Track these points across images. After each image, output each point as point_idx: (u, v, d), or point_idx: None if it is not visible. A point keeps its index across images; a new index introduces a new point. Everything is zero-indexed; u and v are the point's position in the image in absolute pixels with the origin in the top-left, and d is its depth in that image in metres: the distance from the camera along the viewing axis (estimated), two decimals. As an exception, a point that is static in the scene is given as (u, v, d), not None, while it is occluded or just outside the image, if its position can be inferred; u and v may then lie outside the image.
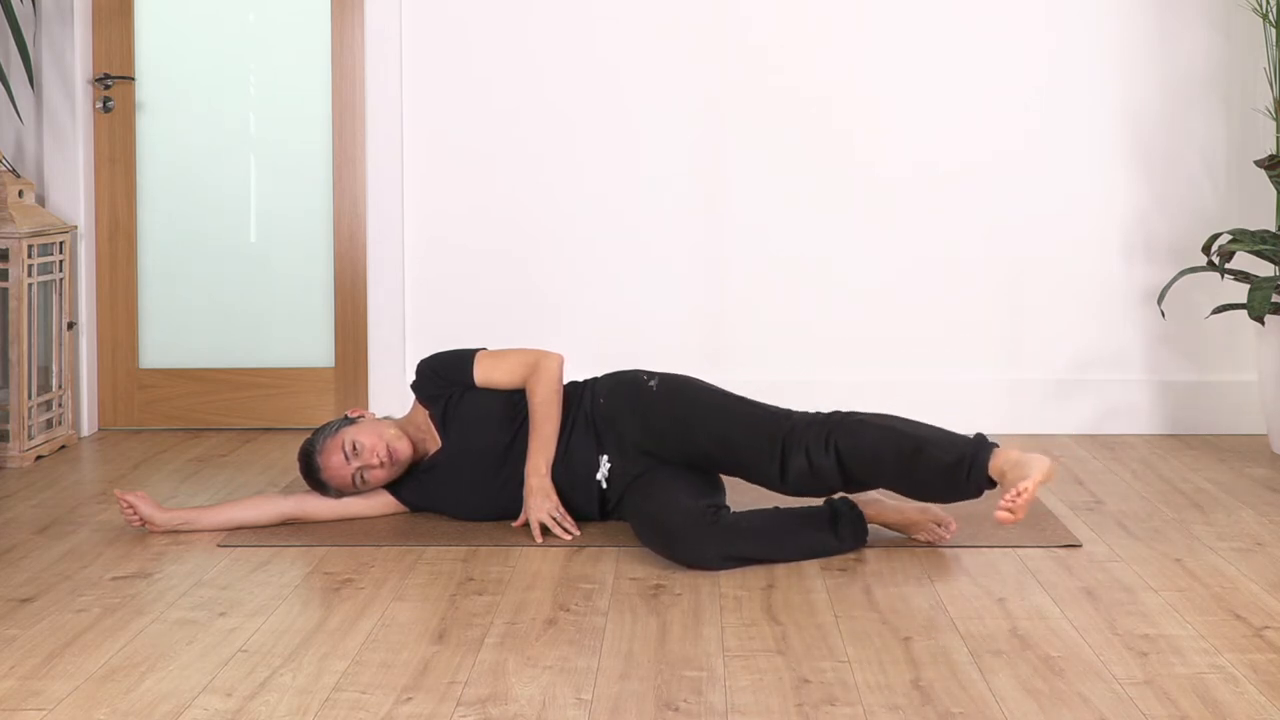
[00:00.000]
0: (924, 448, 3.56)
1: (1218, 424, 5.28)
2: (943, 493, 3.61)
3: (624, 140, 5.32)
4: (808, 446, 3.65)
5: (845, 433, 3.63)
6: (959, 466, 3.53)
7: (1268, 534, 3.90)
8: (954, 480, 3.55)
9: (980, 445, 3.54)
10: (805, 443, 3.65)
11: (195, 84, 5.42)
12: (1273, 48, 5.03)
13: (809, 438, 3.65)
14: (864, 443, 3.61)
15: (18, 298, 4.86)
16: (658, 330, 5.32)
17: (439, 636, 3.10)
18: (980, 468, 3.51)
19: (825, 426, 3.66)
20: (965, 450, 3.54)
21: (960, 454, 3.54)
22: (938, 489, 3.60)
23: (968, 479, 3.53)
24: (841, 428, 3.65)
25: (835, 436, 3.63)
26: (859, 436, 3.62)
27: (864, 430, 3.63)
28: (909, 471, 3.58)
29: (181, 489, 4.47)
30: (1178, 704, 2.70)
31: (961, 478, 3.53)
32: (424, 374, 4.09)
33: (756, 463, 3.72)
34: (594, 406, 3.96)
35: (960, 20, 5.27)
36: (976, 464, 3.52)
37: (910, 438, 3.59)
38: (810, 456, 3.64)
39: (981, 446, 3.54)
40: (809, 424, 3.69)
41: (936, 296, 5.30)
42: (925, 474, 3.57)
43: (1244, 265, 5.16)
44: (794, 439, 3.67)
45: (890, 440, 3.60)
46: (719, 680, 2.83)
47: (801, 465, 3.65)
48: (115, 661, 2.95)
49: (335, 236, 5.39)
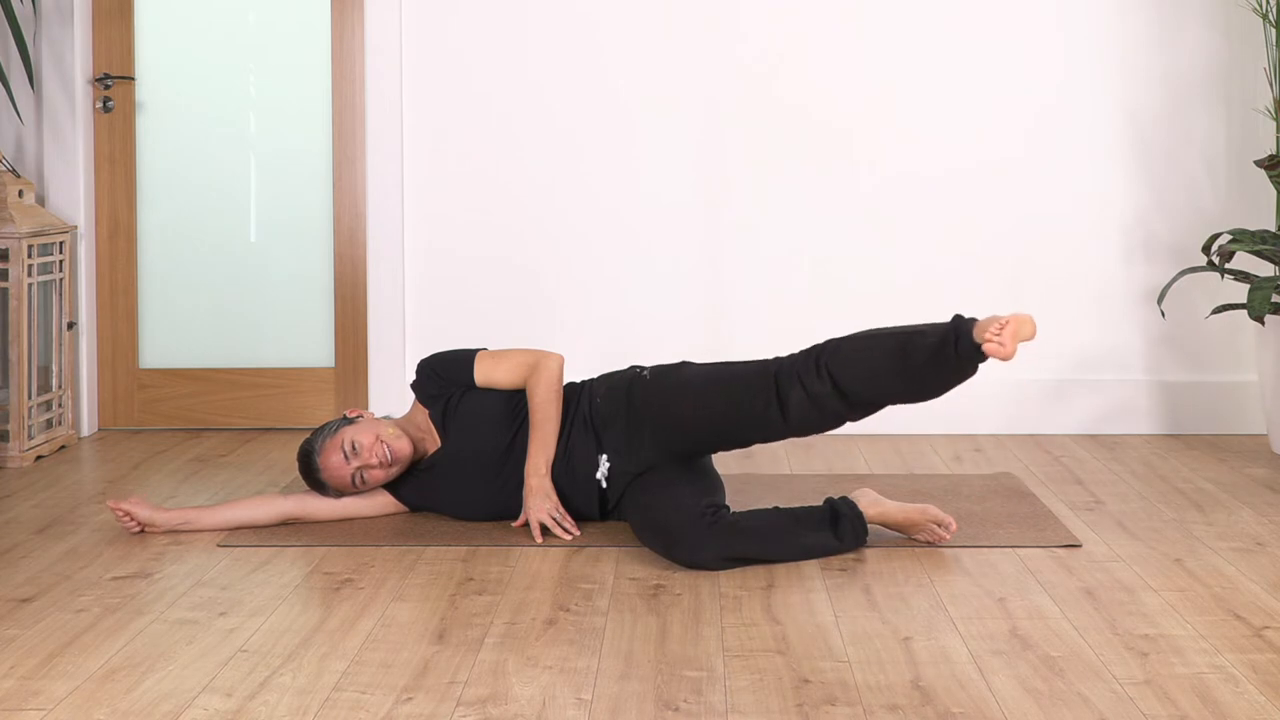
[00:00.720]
0: (910, 340, 3.64)
1: (1218, 424, 5.28)
2: (941, 377, 3.66)
3: (622, 141, 5.32)
4: (801, 379, 3.70)
5: (832, 354, 3.70)
6: (946, 344, 3.60)
7: (1268, 534, 3.90)
8: (946, 358, 3.60)
9: (960, 319, 3.62)
10: (798, 376, 3.71)
11: (195, 84, 5.42)
12: (1273, 48, 5.03)
13: (800, 370, 3.72)
14: (853, 358, 3.68)
15: (18, 298, 4.86)
16: (658, 330, 5.32)
17: (439, 636, 3.10)
18: (966, 336, 3.58)
19: (811, 356, 3.73)
20: (946, 328, 3.62)
21: (943, 333, 3.61)
22: (934, 374, 3.65)
23: (958, 350, 3.59)
24: (827, 352, 3.72)
25: (824, 360, 3.70)
26: (847, 354, 3.69)
27: (848, 345, 3.70)
28: (903, 368, 3.64)
29: (181, 489, 4.47)
30: (1178, 704, 2.70)
31: (951, 352, 3.59)
32: (424, 374, 4.09)
33: (756, 412, 3.74)
34: (592, 406, 3.96)
35: (960, 21, 5.27)
36: (961, 334, 3.58)
37: (894, 336, 3.67)
38: (806, 387, 3.69)
39: (961, 320, 3.62)
40: (795, 360, 3.76)
41: (937, 296, 5.30)
42: (918, 364, 3.63)
43: (1244, 265, 5.16)
44: (785, 377, 3.73)
45: (877, 345, 3.67)
46: (719, 680, 2.83)
47: (800, 397, 3.70)
48: (115, 661, 2.95)
49: (335, 236, 5.39)
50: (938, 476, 4.58)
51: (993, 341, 3.49)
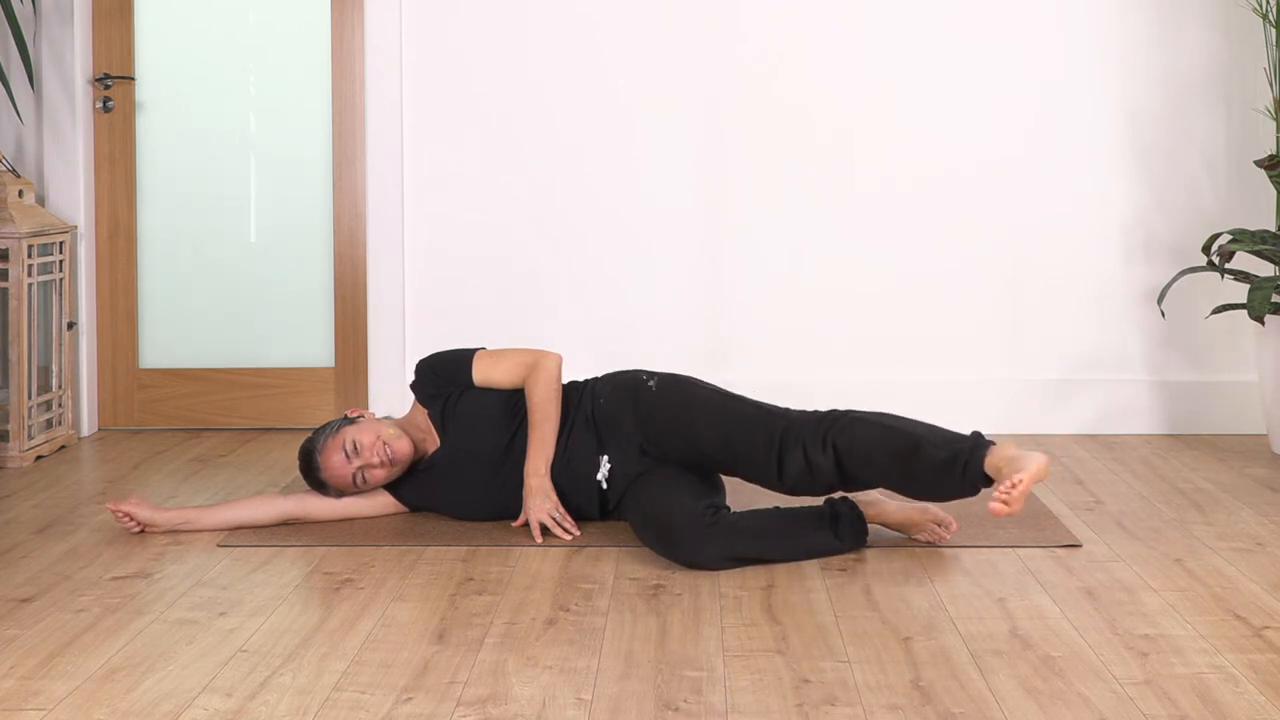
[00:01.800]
0: (920, 445, 3.56)
1: (1218, 424, 5.28)
2: (939, 490, 3.60)
3: (622, 141, 5.32)
4: (805, 445, 3.64)
5: (842, 431, 3.63)
6: (954, 463, 3.52)
7: (1268, 534, 3.90)
8: (950, 477, 3.54)
9: (977, 442, 3.54)
10: (802, 441, 3.65)
11: (195, 84, 5.42)
12: (1273, 48, 5.03)
13: (806, 436, 3.65)
14: (860, 441, 3.61)
15: (18, 298, 4.86)
16: (657, 331, 5.32)
17: (439, 636, 3.10)
18: (976, 464, 3.50)
19: (822, 425, 3.66)
20: (961, 447, 3.54)
21: (956, 451, 3.53)
22: (934, 487, 3.59)
23: (963, 476, 3.52)
24: (838, 426, 3.64)
25: (832, 435, 3.63)
26: (856, 435, 3.62)
27: (861, 428, 3.62)
28: (905, 469, 3.58)
29: (181, 489, 4.47)
30: (1178, 704, 2.70)
31: (957, 475, 3.52)
32: (423, 373, 4.09)
33: (754, 461, 3.72)
34: (594, 407, 3.96)
35: (960, 21, 5.27)
36: (973, 461, 3.51)
37: (907, 435, 3.59)
38: (808, 455, 3.64)
39: (978, 444, 3.53)
40: (806, 422, 3.68)
41: (936, 296, 5.30)
42: (922, 472, 3.56)
43: (1244, 265, 5.16)
44: (791, 437, 3.67)
45: (887, 438, 3.60)
46: (719, 680, 2.83)
47: (799, 463, 3.65)
48: (115, 661, 2.95)
49: (335, 236, 5.39)
50: (938, 476, 4.57)
51: (998, 502, 3.33)
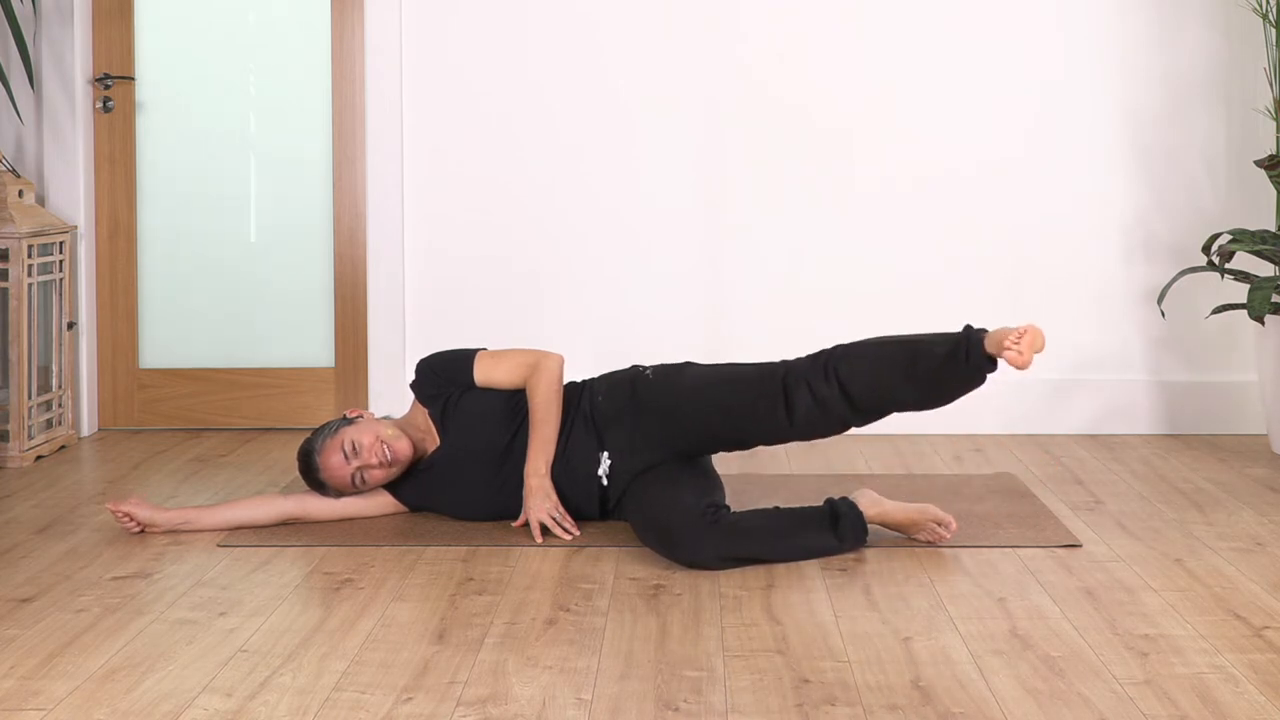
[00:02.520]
0: (919, 349, 3.65)
1: (1218, 424, 5.28)
2: (949, 386, 3.67)
3: (622, 141, 5.32)
4: (808, 381, 3.71)
5: (841, 359, 3.72)
6: (957, 353, 3.61)
7: (1268, 534, 3.90)
8: (955, 368, 3.62)
9: (971, 330, 3.64)
10: (805, 379, 3.72)
11: (195, 84, 5.42)
12: (1273, 48, 5.03)
13: (808, 373, 3.73)
14: (862, 363, 3.69)
15: (18, 298, 4.86)
16: (657, 331, 5.32)
17: (439, 636, 3.10)
18: (976, 345, 3.60)
19: (821, 360, 3.75)
20: (958, 338, 3.63)
21: (954, 343, 3.63)
22: (943, 384, 3.67)
23: (968, 361, 3.60)
24: (835, 356, 3.73)
25: (833, 365, 3.71)
26: (855, 359, 3.71)
27: (859, 351, 3.72)
28: (911, 375, 3.65)
29: (181, 489, 4.47)
30: (1178, 704, 2.70)
31: (961, 362, 3.61)
32: (423, 373, 4.09)
33: (762, 413, 3.74)
34: (593, 405, 3.96)
35: (960, 21, 5.27)
36: (973, 344, 3.60)
37: (903, 344, 3.69)
38: (813, 390, 3.70)
39: (972, 330, 3.64)
40: (803, 363, 3.77)
41: (937, 296, 5.30)
42: (927, 372, 3.64)
43: (1244, 265, 5.16)
44: (793, 378, 3.74)
45: (886, 353, 3.69)
46: (719, 680, 2.83)
47: (807, 401, 3.70)
48: (115, 661, 2.95)
49: (335, 236, 5.39)
50: (938, 476, 4.58)
51: (1012, 350, 3.50)
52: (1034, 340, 3.51)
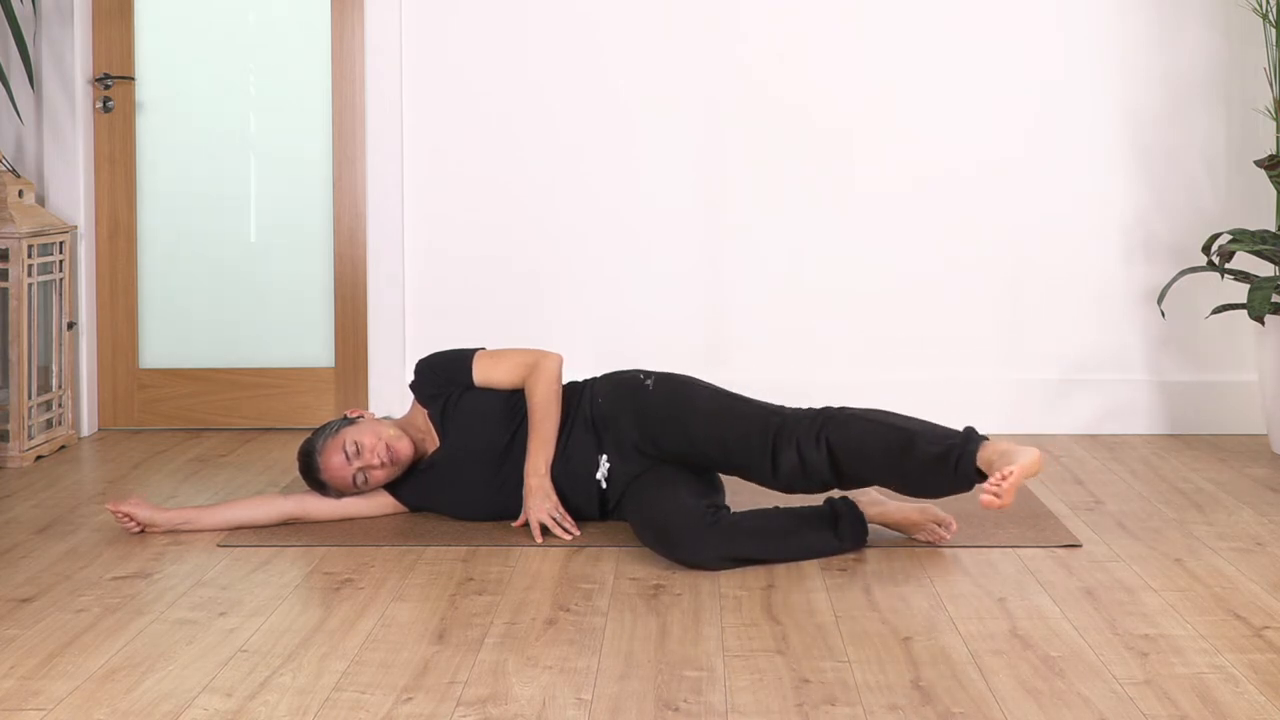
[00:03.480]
0: (914, 441, 3.57)
1: (1218, 424, 5.28)
2: (933, 486, 3.61)
3: (622, 141, 5.32)
4: (799, 442, 3.65)
5: (836, 427, 3.64)
6: (947, 458, 3.53)
7: (1268, 534, 3.90)
8: (943, 472, 3.55)
9: (969, 437, 3.55)
10: (796, 438, 3.66)
11: (195, 84, 5.42)
12: (1273, 48, 5.03)
13: (800, 433, 3.66)
14: (854, 437, 3.62)
15: (18, 298, 4.86)
16: (657, 331, 5.32)
17: (439, 636, 3.10)
18: (969, 458, 3.51)
19: (816, 422, 3.67)
20: (954, 442, 3.55)
21: (949, 446, 3.54)
22: (928, 482, 3.60)
23: (956, 470, 3.53)
24: (832, 423, 3.66)
25: (826, 431, 3.64)
26: (849, 431, 3.63)
27: (854, 424, 3.64)
28: (899, 465, 3.58)
29: (181, 489, 4.47)
30: (1178, 704, 2.70)
31: (950, 469, 3.53)
32: (423, 373, 4.09)
33: (749, 459, 3.72)
34: (593, 407, 3.96)
35: (960, 21, 5.27)
36: (965, 455, 3.52)
37: (900, 431, 3.60)
38: (801, 452, 3.65)
39: (970, 438, 3.54)
40: (800, 419, 3.70)
41: (937, 296, 5.30)
42: (915, 467, 3.57)
43: (1244, 265, 5.16)
44: (785, 434, 3.68)
45: (880, 434, 3.61)
46: (719, 680, 2.83)
47: (793, 460, 3.66)
48: (115, 661, 2.95)
49: (335, 236, 5.39)
50: (938, 476, 4.57)
51: (989, 494, 3.35)
52: (1020, 478, 3.35)
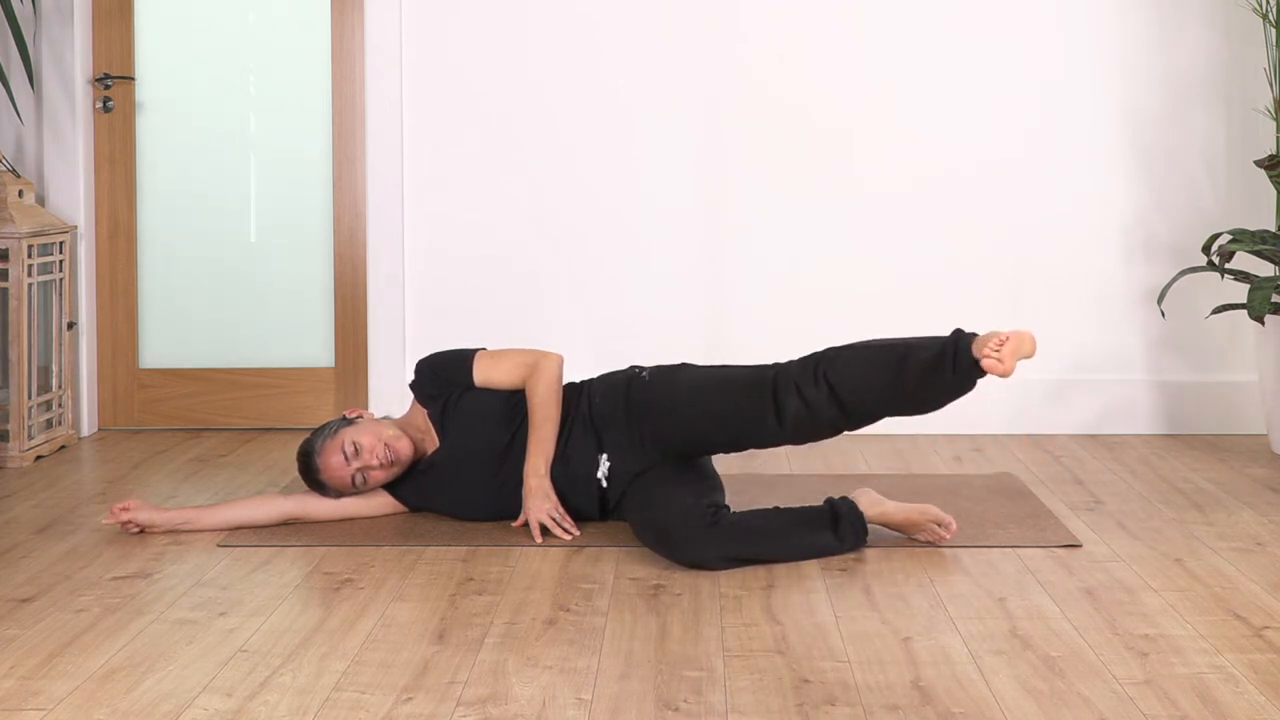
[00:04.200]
0: (908, 352, 3.64)
1: (1218, 424, 5.28)
2: (938, 391, 3.66)
3: (622, 141, 5.32)
4: (797, 384, 3.71)
5: (831, 364, 3.70)
6: (944, 356, 3.59)
7: (1268, 534, 3.90)
8: (943, 371, 3.60)
9: (960, 333, 3.62)
10: (794, 382, 3.71)
11: (195, 84, 5.42)
12: (1273, 48, 5.03)
13: (797, 377, 3.72)
14: (851, 366, 3.68)
15: (18, 298, 4.86)
16: (657, 331, 5.32)
17: (439, 636, 3.10)
18: (964, 351, 3.58)
19: (810, 363, 3.74)
20: (945, 342, 3.62)
21: (942, 346, 3.61)
22: (932, 389, 3.65)
23: (955, 365, 3.59)
24: (826, 360, 3.72)
25: (823, 369, 3.70)
26: (845, 362, 3.69)
27: (849, 356, 3.71)
28: (899, 380, 3.64)
29: (181, 489, 4.47)
30: (1178, 704, 2.70)
31: (949, 366, 3.59)
32: (423, 373, 4.09)
33: (752, 417, 3.74)
34: (592, 406, 3.96)
35: (960, 21, 5.27)
36: (960, 349, 3.58)
37: (892, 349, 3.67)
38: (803, 394, 3.69)
39: (961, 334, 3.62)
40: (793, 367, 3.76)
41: (937, 296, 5.30)
42: (915, 378, 3.62)
43: (1244, 265, 5.16)
44: (783, 381, 3.73)
45: (874, 356, 3.67)
46: (719, 680, 2.83)
47: (796, 405, 3.70)
48: (115, 661, 2.95)
49: (335, 236, 5.39)
50: (938, 476, 4.58)
51: (991, 357, 3.48)
52: (1018, 346, 3.48)
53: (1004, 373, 3.47)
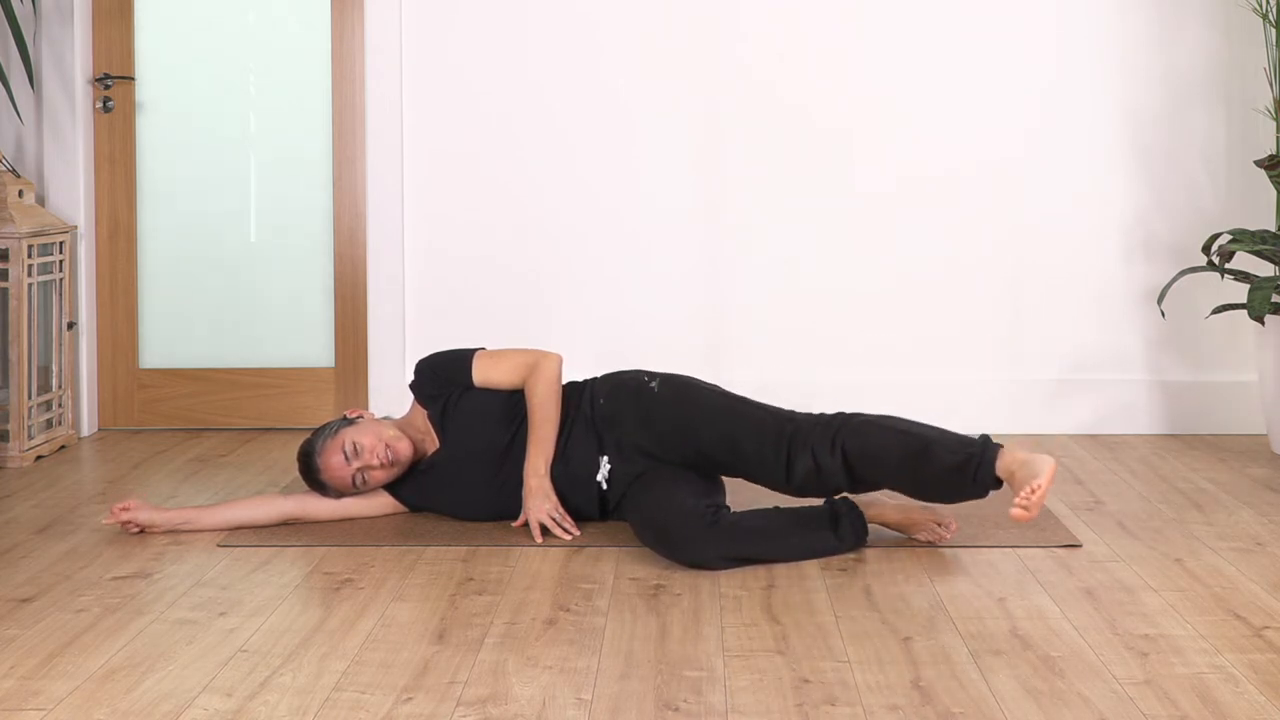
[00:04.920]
0: (931, 448, 3.57)
1: (1218, 424, 5.28)
2: (949, 493, 3.62)
3: (622, 141, 5.32)
4: (813, 447, 3.65)
5: (851, 433, 3.64)
6: (966, 467, 3.53)
7: (1268, 534, 3.90)
8: (961, 481, 3.55)
9: (987, 445, 3.55)
10: (811, 444, 3.66)
11: (195, 84, 5.42)
12: (1273, 48, 5.03)
13: (814, 439, 3.66)
14: (870, 443, 3.62)
15: (18, 298, 4.86)
16: (656, 332, 5.31)
17: (439, 636, 3.10)
18: (988, 467, 3.52)
19: (831, 427, 3.67)
20: (973, 450, 3.55)
21: (968, 454, 3.54)
22: (944, 490, 3.61)
23: (975, 480, 3.54)
24: (847, 428, 3.65)
25: (841, 437, 3.64)
26: (865, 437, 3.63)
27: (870, 431, 3.64)
28: (915, 472, 3.59)
29: (181, 489, 4.47)
30: (1178, 704, 2.70)
31: (969, 478, 3.54)
32: (422, 374, 4.09)
33: (761, 464, 3.72)
34: (594, 407, 3.95)
35: (960, 22, 5.27)
36: (984, 464, 3.52)
37: (917, 438, 3.60)
38: (816, 457, 3.65)
39: (988, 446, 3.55)
40: (814, 425, 3.69)
41: (937, 297, 5.30)
42: (932, 475, 3.57)
43: (1244, 265, 5.16)
44: (799, 440, 3.67)
45: (897, 441, 3.61)
46: (719, 680, 2.83)
47: (808, 466, 3.66)
48: (115, 661, 2.95)
49: (335, 236, 5.39)
50: (938, 476, 4.57)
51: (1020, 508, 3.37)
52: (1047, 492, 3.44)
53: (1028, 520, 3.40)
